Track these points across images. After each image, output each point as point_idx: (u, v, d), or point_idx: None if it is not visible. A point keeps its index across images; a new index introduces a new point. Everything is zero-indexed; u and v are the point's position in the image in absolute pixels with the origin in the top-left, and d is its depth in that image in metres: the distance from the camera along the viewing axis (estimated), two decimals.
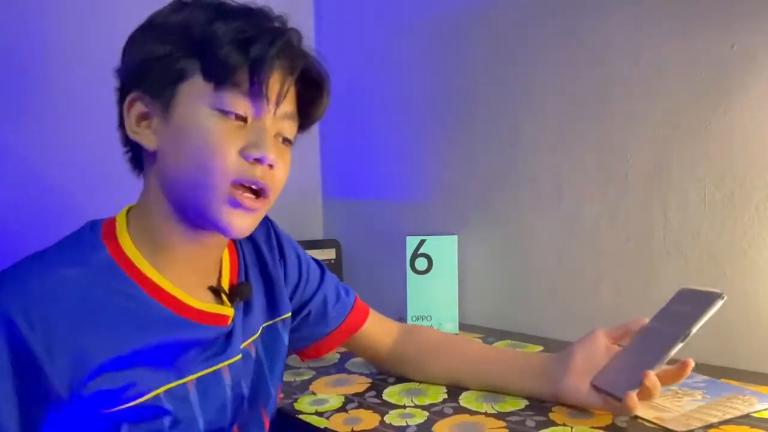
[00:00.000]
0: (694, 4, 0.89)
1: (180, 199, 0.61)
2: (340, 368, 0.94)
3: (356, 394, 0.83)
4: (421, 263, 1.12)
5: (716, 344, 0.87)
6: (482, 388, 0.81)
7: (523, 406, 0.75)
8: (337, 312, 0.84)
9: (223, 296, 0.68)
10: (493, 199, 1.15)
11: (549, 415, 0.72)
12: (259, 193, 0.62)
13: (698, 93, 0.89)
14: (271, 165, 0.61)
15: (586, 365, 0.72)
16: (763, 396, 0.74)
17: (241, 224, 0.61)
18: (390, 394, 0.82)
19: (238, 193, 0.60)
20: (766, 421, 0.67)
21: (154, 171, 0.63)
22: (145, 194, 0.64)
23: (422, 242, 1.12)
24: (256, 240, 0.77)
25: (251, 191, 0.61)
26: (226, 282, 0.70)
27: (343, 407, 0.79)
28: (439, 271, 1.12)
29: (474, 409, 0.75)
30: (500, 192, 1.14)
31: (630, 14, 0.95)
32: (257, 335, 0.72)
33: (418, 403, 0.78)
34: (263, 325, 0.74)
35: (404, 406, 0.77)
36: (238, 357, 0.67)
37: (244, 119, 0.60)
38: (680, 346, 0.65)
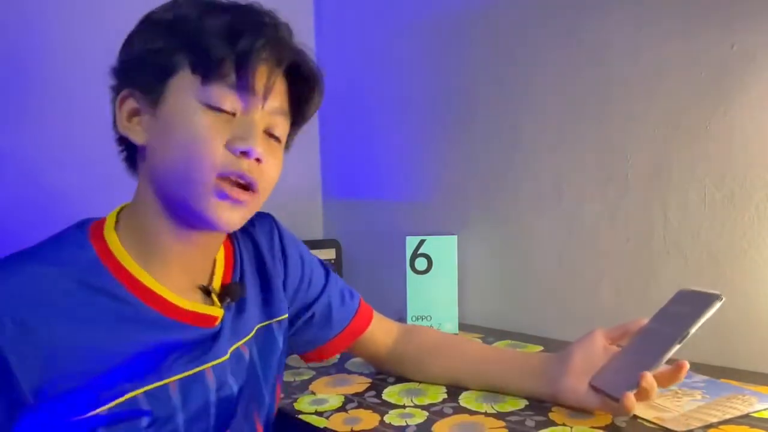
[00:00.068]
0: (694, 4, 0.89)
1: (168, 195, 0.61)
2: (339, 368, 0.94)
3: (356, 394, 0.83)
4: (420, 263, 1.12)
5: (716, 344, 0.87)
6: (482, 388, 0.80)
7: (522, 406, 0.75)
8: (342, 316, 0.83)
9: (213, 296, 0.67)
10: (493, 199, 1.15)
11: (549, 415, 0.72)
12: (247, 187, 0.61)
13: (698, 93, 0.89)
14: (259, 159, 0.60)
15: (585, 365, 0.72)
16: (762, 396, 0.74)
17: (230, 217, 0.60)
18: (390, 394, 0.82)
19: (225, 185, 0.59)
20: (765, 421, 0.67)
21: (144, 168, 0.63)
22: (137, 193, 0.64)
23: (422, 242, 1.12)
24: (257, 240, 0.77)
25: (238, 185, 0.60)
26: (218, 282, 0.69)
27: (343, 407, 0.79)
28: (438, 271, 1.12)
29: (474, 409, 0.75)
30: (500, 192, 1.14)
31: (630, 14, 0.95)
32: (250, 336, 0.71)
33: (417, 402, 0.78)
34: (258, 325, 0.73)
35: (404, 406, 0.77)
36: (224, 358, 0.66)
37: (232, 113, 0.60)
38: (678, 347, 0.66)
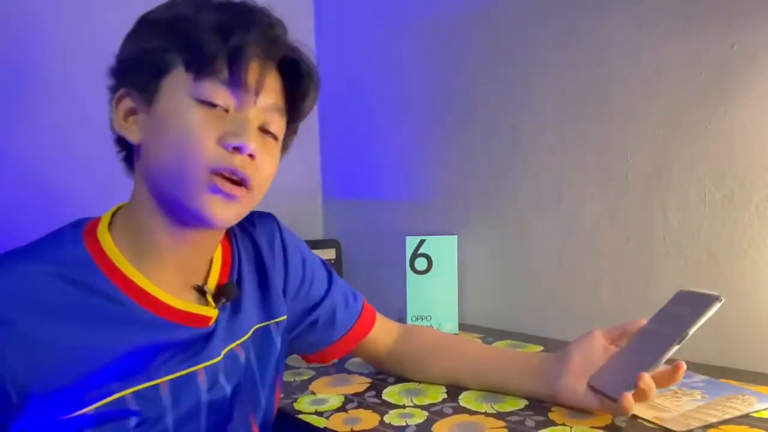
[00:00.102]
0: (694, 4, 0.89)
1: (162, 193, 0.60)
2: (339, 368, 0.94)
3: (356, 394, 0.83)
4: (420, 263, 1.12)
5: (716, 344, 0.87)
6: (481, 388, 0.80)
7: (522, 406, 0.75)
8: (345, 319, 0.83)
9: (208, 296, 0.66)
10: (493, 199, 1.15)
11: (548, 415, 0.72)
12: (240, 183, 0.60)
13: (698, 93, 0.89)
14: (252, 155, 0.60)
15: (584, 365, 0.72)
16: (762, 396, 0.74)
17: (223, 212, 0.60)
18: (390, 393, 0.82)
19: (218, 180, 0.59)
20: (765, 421, 0.67)
21: (139, 167, 0.63)
22: (133, 192, 0.64)
23: (422, 242, 1.12)
24: (256, 240, 0.76)
25: (231, 181, 0.59)
26: (213, 282, 0.68)
27: (343, 407, 0.79)
28: (438, 271, 1.12)
29: (473, 408, 0.75)
30: (500, 192, 1.14)
31: (630, 14, 0.95)
32: (246, 337, 0.70)
33: (417, 402, 0.78)
34: (255, 326, 0.72)
35: (404, 406, 0.77)
36: (217, 359, 0.65)
37: (225, 109, 0.60)
38: (677, 348, 0.66)
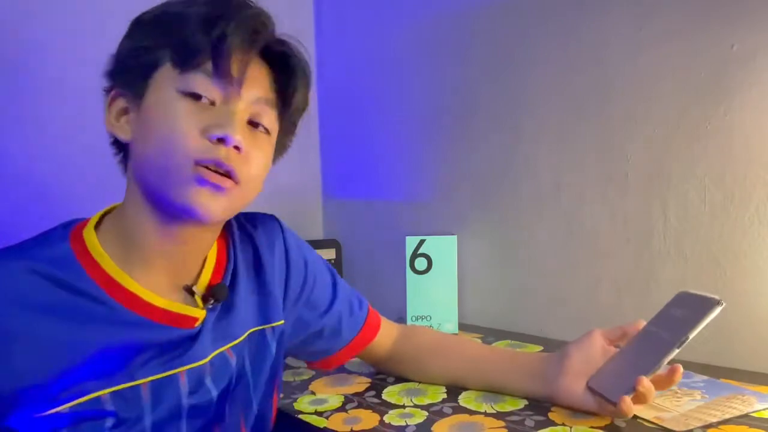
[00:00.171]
0: (694, 4, 0.89)
1: (150, 189, 0.60)
2: (339, 368, 0.94)
3: (356, 394, 0.83)
4: (420, 263, 1.12)
5: (716, 344, 0.87)
6: (481, 388, 0.80)
7: (522, 405, 0.75)
8: (350, 328, 0.82)
9: (197, 297, 0.65)
10: (493, 199, 1.15)
11: (548, 415, 0.72)
12: (226, 175, 0.59)
13: (698, 93, 0.89)
14: (238, 147, 0.59)
15: (582, 366, 0.72)
16: (762, 396, 0.74)
17: (210, 205, 0.58)
18: (389, 393, 0.82)
19: (204, 171, 0.57)
20: (765, 421, 0.67)
21: (130, 166, 0.63)
22: (125, 192, 0.64)
23: (422, 242, 1.12)
24: (256, 242, 0.75)
25: (218, 173, 0.58)
26: (204, 282, 0.67)
27: (343, 407, 0.79)
28: (438, 271, 1.12)
29: (473, 408, 0.75)
30: (500, 192, 1.14)
31: (630, 14, 0.95)
32: (239, 340, 0.69)
33: (417, 402, 0.78)
34: (251, 330, 0.71)
35: (404, 406, 0.77)
36: (202, 362, 0.64)
37: (211, 102, 0.59)
38: (676, 352, 0.65)
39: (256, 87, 0.62)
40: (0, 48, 0.96)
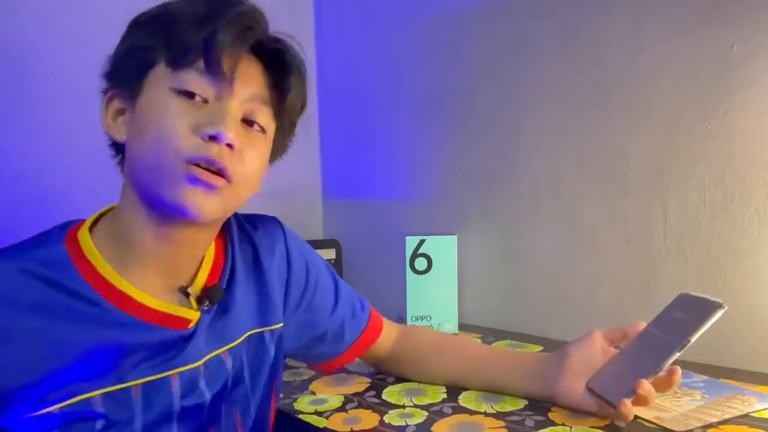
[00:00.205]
0: (694, 4, 0.89)
1: (143, 188, 0.59)
2: (339, 368, 0.94)
3: (356, 394, 0.83)
4: (420, 263, 1.12)
5: (716, 344, 0.87)
6: (480, 388, 0.81)
7: (522, 405, 0.75)
8: (352, 331, 0.82)
9: (191, 298, 0.64)
10: (493, 199, 1.15)
11: (548, 415, 0.72)
12: (219, 174, 0.58)
13: (698, 93, 0.89)
14: (231, 145, 0.58)
15: (582, 367, 0.71)
16: (762, 396, 0.74)
17: (203, 204, 0.57)
18: (389, 393, 0.82)
19: (196, 170, 0.57)
20: (765, 421, 0.67)
21: (125, 166, 0.62)
22: (121, 193, 0.63)
23: (422, 242, 1.12)
24: (257, 244, 0.74)
25: (210, 171, 0.57)
26: (200, 284, 0.66)
27: (343, 407, 0.79)
28: (438, 271, 1.12)
29: (473, 408, 0.75)
30: (500, 192, 1.14)
31: (630, 14, 0.95)
32: (236, 343, 0.68)
33: (417, 402, 0.78)
34: (249, 333, 0.70)
35: (404, 406, 0.77)
36: (195, 364, 0.63)
37: (204, 100, 0.59)
38: (678, 355, 0.65)
39: (249, 84, 0.61)
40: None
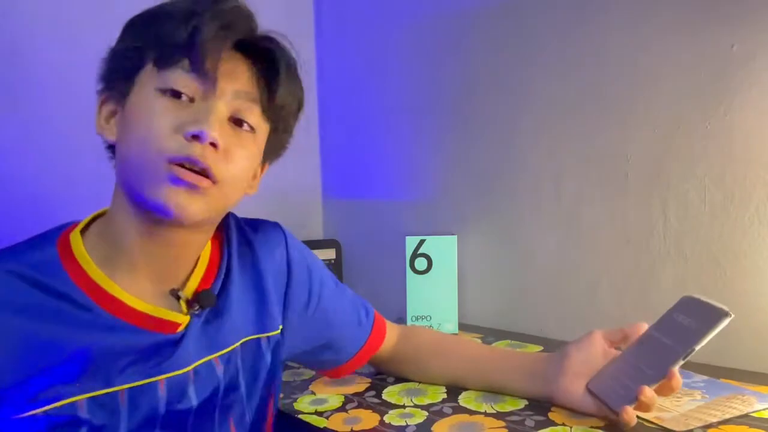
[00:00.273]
0: (694, 4, 0.89)
1: (130, 190, 0.59)
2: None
3: (356, 394, 0.83)
4: (420, 263, 1.12)
5: (716, 344, 0.87)
6: (480, 388, 0.80)
7: (522, 405, 0.75)
8: (357, 339, 0.82)
9: (182, 302, 0.63)
10: (493, 199, 1.15)
11: (548, 415, 0.72)
12: (203, 174, 0.57)
13: (698, 93, 0.89)
14: (215, 144, 0.57)
15: (582, 368, 0.71)
16: (762, 396, 0.74)
17: (186, 205, 0.56)
18: (389, 393, 0.82)
19: (179, 170, 0.56)
20: (765, 421, 0.67)
21: (116, 167, 0.62)
22: (113, 194, 0.63)
23: (422, 242, 1.12)
24: (256, 249, 0.73)
25: (193, 172, 0.56)
26: (192, 287, 0.65)
27: (343, 407, 0.79)
28: (438, 271, 1.12)
29: (473, 408, 0.75)
30: (500, 192, 1.14)
31: (630, 14, 0.95)
32: (229, 349, 0.67)
33: (417, 402, 0.78)
34: (244, 339, 0.69)
35: (404, 406, 0.77)
36: (184, 370, 0.62)
37: (190, 99, 0.58)
38: (681, 363, 0.64)
39: (234, 81, 0.60)
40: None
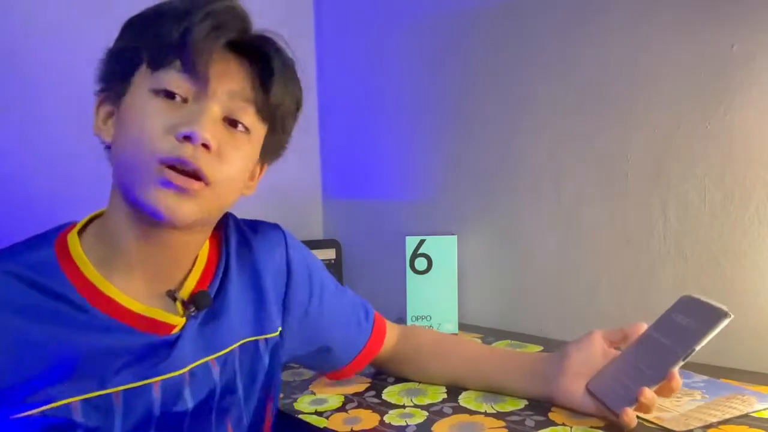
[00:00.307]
0: (693, 4, 0.89)
1: (124, 191, 0.59)
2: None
3: (356, 394, 0.83)
4: (420, 263, 1.12)
5: (716, 344, 0.87)
6: (480, 388, 0.80)
7: (522, 405, 0.75)
8: (358, 341, 0.82)
9: (177, 304, 0.63)
10: (493, 198, 1.15)
11: (548, 415, 0.72)
12: (194, 176, 0.56)
13: (698, 93, 0.89)
14: (207, 145, 0.56)
15: (582, 367, 0.71)
16: (762, 396, 0.74)
17: (176, 207, 0.56)
18: (389, 393, 0.82)
19: (170, 173, 0.55)
20: (765, 421, 0.67)
21: (112, 168, 0.62)
22: (109, 195, 0.63)
23: (422, 242, 1.12)
24: (255, 251, 0.72)
25: (185, 174, 0.56)
26: (188, 289, 0.65)
27: (343, 407, 0.79)
28: (438, 271, 1.12)
29: (473, 408, 0.75)
30: (500, 192, 1.14)
31: (630, 14, 0.95)
32: (226, 351, 0.67)
33: (417, 402, 0.78)
34: (242, 341, 0.69)
35: (404, 406, 0.77)
36: (179, 372, 0.62)
37: (183, 99, 0.58)
38: (681, 363, 0.64)
39: (228, 82, 0.60)
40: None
